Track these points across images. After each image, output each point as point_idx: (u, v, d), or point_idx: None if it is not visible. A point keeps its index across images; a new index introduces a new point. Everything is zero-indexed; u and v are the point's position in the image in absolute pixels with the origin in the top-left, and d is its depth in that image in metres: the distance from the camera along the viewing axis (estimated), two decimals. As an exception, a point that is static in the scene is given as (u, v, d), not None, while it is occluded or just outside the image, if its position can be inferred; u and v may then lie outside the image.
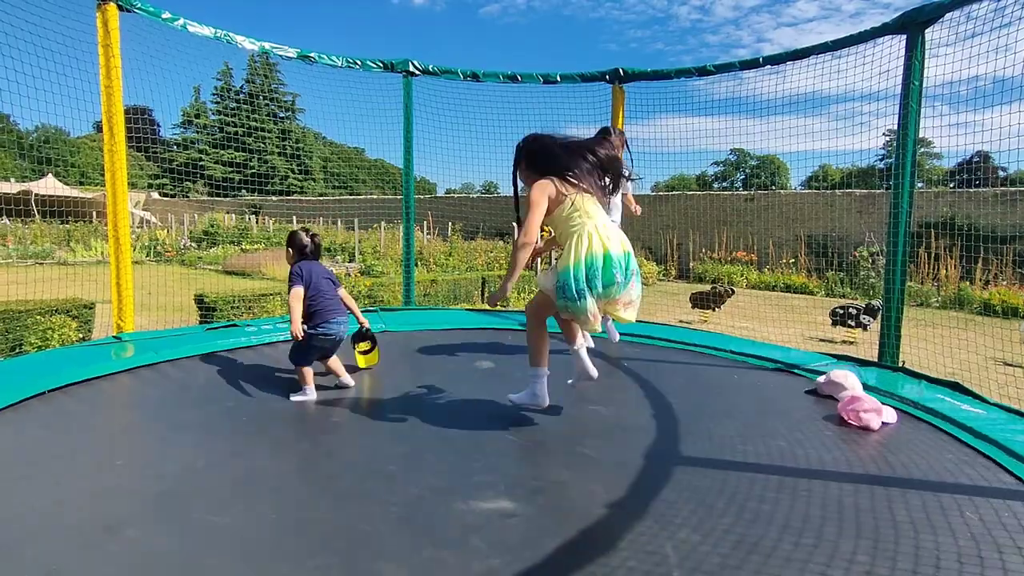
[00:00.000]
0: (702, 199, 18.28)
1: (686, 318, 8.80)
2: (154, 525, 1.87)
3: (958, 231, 11.22)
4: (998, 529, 1.91)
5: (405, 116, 5.95)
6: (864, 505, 2.06)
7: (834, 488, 2.19)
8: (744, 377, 3.86)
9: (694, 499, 2.08)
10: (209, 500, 2.02)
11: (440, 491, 2.12)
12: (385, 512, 1.97)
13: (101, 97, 4.27)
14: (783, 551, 1.76)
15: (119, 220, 4.41)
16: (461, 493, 2.10)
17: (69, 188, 19.20)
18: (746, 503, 2.06)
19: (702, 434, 2.75)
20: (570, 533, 1.85)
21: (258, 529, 1.87)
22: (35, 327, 5.41)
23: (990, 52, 3.79)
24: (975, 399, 3.29)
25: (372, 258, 14.93)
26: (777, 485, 2.22)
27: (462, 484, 2.18)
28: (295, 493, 2.12)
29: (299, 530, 1.86)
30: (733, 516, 1.96)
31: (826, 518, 1.97)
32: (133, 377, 3.46)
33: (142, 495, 2.06)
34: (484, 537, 1.82)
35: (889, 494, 2.15)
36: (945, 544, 1.82)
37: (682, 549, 1.76)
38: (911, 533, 1.88)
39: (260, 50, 5.30)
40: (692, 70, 5.51)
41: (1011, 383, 4.77)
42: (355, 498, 2.08)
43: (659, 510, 2.00)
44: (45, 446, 2.46)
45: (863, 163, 10.75)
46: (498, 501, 2.05)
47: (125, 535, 1.79)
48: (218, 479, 2.20)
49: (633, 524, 1.90)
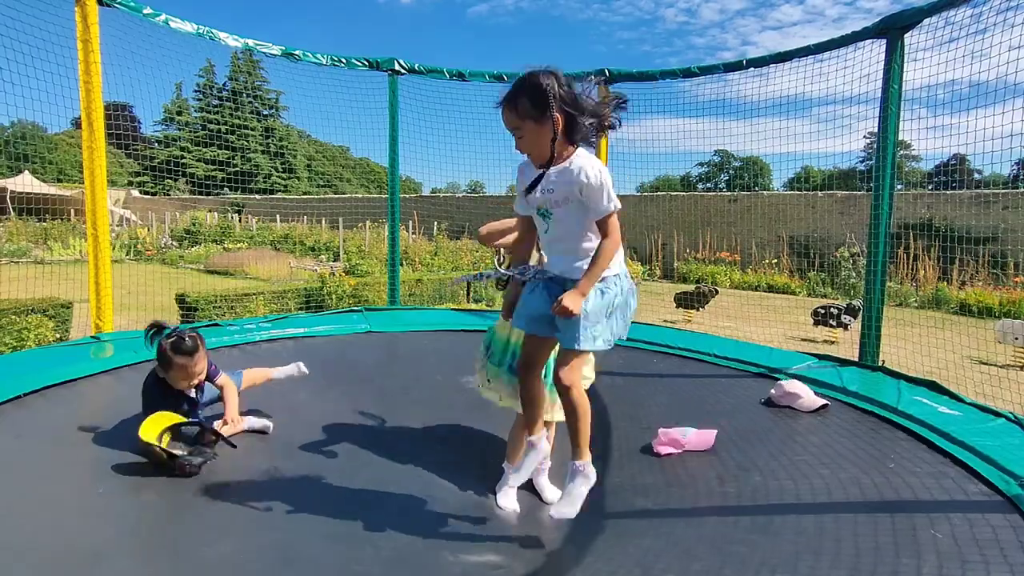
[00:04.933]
0: (686, 200, 18.42)
1: (670, 318, 8.86)
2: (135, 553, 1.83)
3: (936, 232, 11.42)
4: (976, 542, 1.95)
5: (390, 115, 5.92)
6: (845, 534, 2.07)
7: (808, 520, 2.18)
8: (726, 392, 3.76)
9: (675, 544, 2.05)
10: (195, 524, 1.99)
11: (428, 545, 2.02)
12: (376, 554, 1.91)
13: (80, 93, 4.19)
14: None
15: (98, 218, 4.33)
16: (448, 548, 2.02)
17: (46, 185, 18.82)
18: (731, 547, 2.03)
19: (682, 473, 2.63)
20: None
21: (246, 561, 1.81)
22: (10, 327, 5.30)
23: (967, 57, 3.87)
24: (951, 398, 3.36)
25: (357, 257, 14.83)
26: (749, 524, 2.19)
27: (452, 530, 2.10)
28: (282, 529, 2.04)
29: (289, 565, 1.82)
30: (715, 559, 1.94)
31: (799, 554, 1.96)
32: (112, 378, 3.40)
33: (123, 505, 2.02)
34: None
35: (871, 519, 2.16)
36: (928, 563, 1.84)
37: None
38: (892, 556, 1.90)
39: (244, 47, 5.24)
40: (677, 72, 5.55)
41: (986, 381, 4.86)
42: (340, 532, 2.02)
43: (641, 558, 1.97)
44: (19, 453, 2.41)
45: (844, 165, 10.93)
46: (485, 555, 1.99)
47: (105, 549, 1.76)
48: (196, 507, 2.12)
49: (616, 572, 1.88)
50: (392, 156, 6.03)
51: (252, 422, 2.85)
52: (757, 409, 3.43)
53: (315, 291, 8.35)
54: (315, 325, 4.98)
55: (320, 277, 9.20)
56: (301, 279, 11.19)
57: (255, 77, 25.89)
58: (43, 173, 20.78)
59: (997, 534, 2.01)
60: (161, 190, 27.08)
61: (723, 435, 2.95)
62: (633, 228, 16.83)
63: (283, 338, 4.63)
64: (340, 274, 10.22)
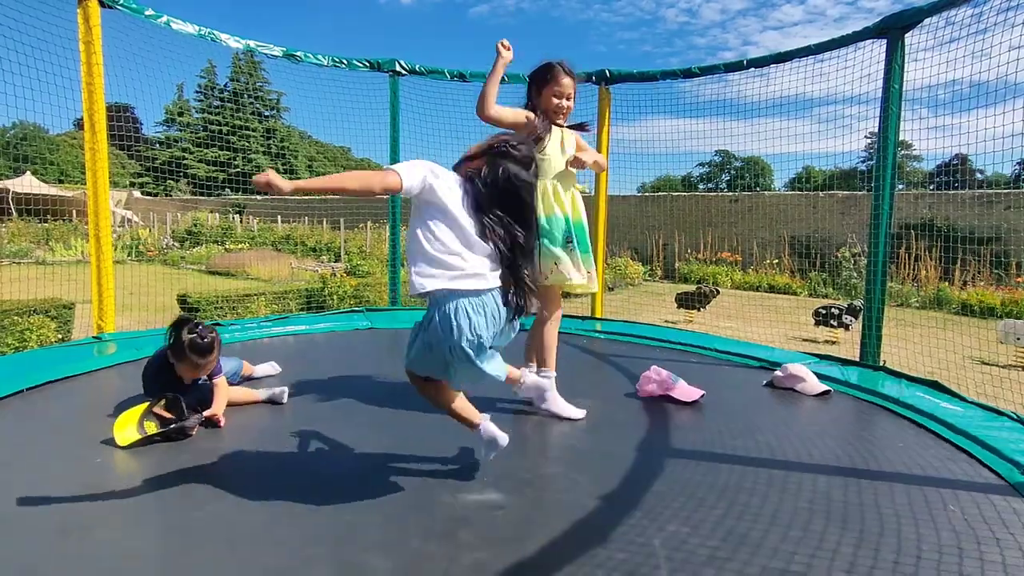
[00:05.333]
0: (688, 200, 18.42)
1: (672, 318, 8.86)
2: (133, 522, 1.85)
3: (937, 232, 11.41)
4: (979, 523, 1.95)
5: (391, 116, 5.93)
6: (852, 500, 2.09)
7: (822, 481, 2.22)
8: (729, 375, 3.89)
9: (683, 492, 2.10)
10: (191, 496, 2.00)
11: (427, 483, 2.12)
12: (372, 503, 1.97)
13: (83, 94, 4.20)
14: (770, 543, 1.78)
15: (100, 219, 4.34)
16: (448, 486, 2.10)
17: (48, 186, 18.86)
18: (735, 496, 2.08)
19: (690, 428, 2.77)
20: (559, 525, 1.85)
21: (243, 521, 1.85)
22: (12, 328, 5.32)
23: (968, 57, 3.87)
24: (954, 397, 3.36)
25: (358, 258, 14.84)
26: (767, 479, 2.24)
27: (450, 476, 2.18)
28: (280, 486, 2.10)
29: (285, 522, 1.85)
30: (722, 509, 1.98)
31: (813, 511, 1.99)
32: (115, 376, 3.41)
33: (120, 492, 2.03)
34: (472, 529, 1.82)
35: (875, 487, 2.18)
36: (927, 536, 1.85)
37: (671, 542, 1.77)
38: (895, 525, 1.91)
39: (245, 48, 5.25)
40: (677, 72, 5.55)
41: (988, 382, 4.86)
42: (342, 490, 2.07)
43: (648, 503, 2.01)
44: (21, 444, 2.42)
45: (846, 165, 10.93)
46: (486, 493, 2.05)
47: (103, 532, 1.77)
48: (201, 475, 2.17)
49: (621, 517, 1.90)
50: (393, 157, 6.04)
51: (267, 393, 3.02)
52: (759, 391, 3.50)
53: (316, 292, 8.36)
54: (316, 323, 5.03)
55: (321, 278, 9.20)
56: (302, 280, 11.21)
57: (256, 78, 25.95)
58: (45, 174, 20.83)
59: (1000, 514, 2.01)
60: (163, 191, 27.13)
61: (728, 406, 3.01)
62: (634, 228, 16.84)
63: (284, 335, 4.68)
64: (341, 275, 10.22)
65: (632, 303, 10.08)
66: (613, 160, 6.02)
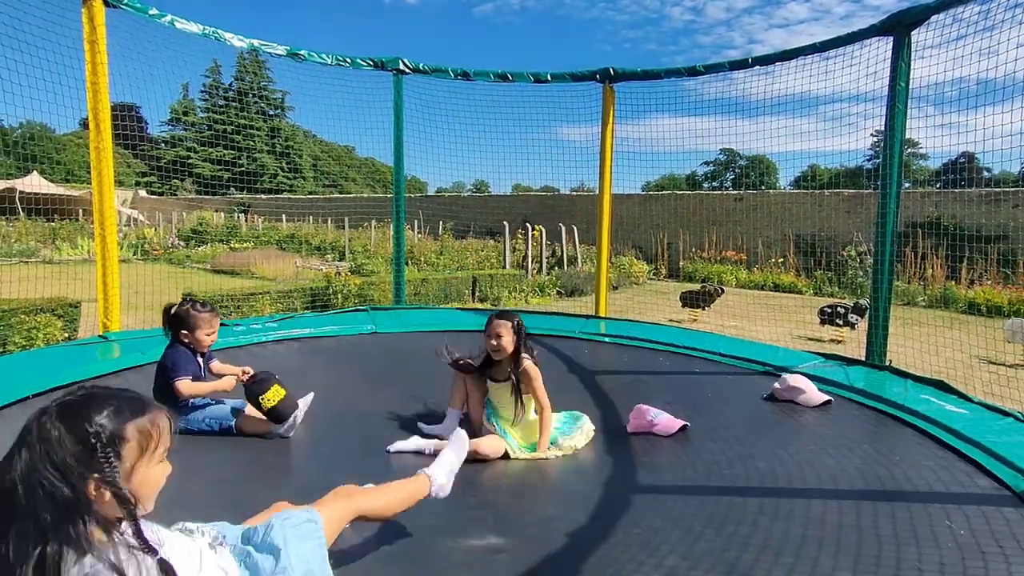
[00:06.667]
0: (692, 199, 18.37)
1: (676, 317, 8.84)
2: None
3: (944, 231, 11.35)
4: (984, 535, 1.94)
5: (395, 114, 5.94)
6: (848, 522, 2.07)
7: (816, 506, 2.19)
8: (731, 387, 3.79)
9: (679, 526, 2.07)
10: (191, 509, 2.00)
11: (428, 528, 2.01)
12: (372, 549, 1.90)
13: (87, 94, 4.22)
14: (762, 570, 1.78)
15: (106, 218, 4.36)
16: (449, 531, 2.02)
17: (54, 185, 18.96)
18: (736, 528, 2.04)
19: (687, 461, 2.66)
20: (560, 567, 1.83)
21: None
22: (19, 326, 5.34)
23: (975, 54, 3.84)
24: (960, 398, 3.34)
25: (362, 257, 14.86)
26: (758, 507, 2.20)
27: (450, 520, 2.08)
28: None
29: None
30: (719, 541, 1.95)
31: (806, 537, 1.97)
32: (119, 379, 3.42)
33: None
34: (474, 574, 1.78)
35: (875, 507, 2.16)
36: (927, 555, 1.84)
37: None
38: (892, 545, 1.90)
39: (249, 47, 5.26)
40: (682, 70, 5.53)
41: (995, 381, 4.82)
42: (341, 534, 2.00)
43: (646, 539, 1.98)
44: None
45: (851, 163, 10.87)
46: (487, 538, 1.99)
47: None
48: (200, 486, 2.15)
49: (622, 554, 1.88)
50: (397, 156, 6.04)
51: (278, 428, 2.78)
52: (759, 406, 3.42)
53: (321, 290, 8.38)
54: (320, 325, 5.01)
55: (326, 276, 9.22)
56: (307, 279, 11.23)
57: (261, 77, 25.99)
58: (51, 173, 20.92)
59: (1012, 528, 1.99)
60: (168, 190, 27.20)
61: (725, 430, 2.96)
62: (638, 227, 16.80)
63: (289, 339, 4.65)
64: (346, 273, 10.23)
65: (636, 302, 10.05)
66: (617, 159, 6.01)
